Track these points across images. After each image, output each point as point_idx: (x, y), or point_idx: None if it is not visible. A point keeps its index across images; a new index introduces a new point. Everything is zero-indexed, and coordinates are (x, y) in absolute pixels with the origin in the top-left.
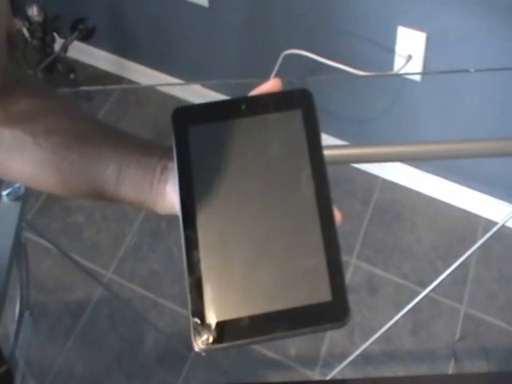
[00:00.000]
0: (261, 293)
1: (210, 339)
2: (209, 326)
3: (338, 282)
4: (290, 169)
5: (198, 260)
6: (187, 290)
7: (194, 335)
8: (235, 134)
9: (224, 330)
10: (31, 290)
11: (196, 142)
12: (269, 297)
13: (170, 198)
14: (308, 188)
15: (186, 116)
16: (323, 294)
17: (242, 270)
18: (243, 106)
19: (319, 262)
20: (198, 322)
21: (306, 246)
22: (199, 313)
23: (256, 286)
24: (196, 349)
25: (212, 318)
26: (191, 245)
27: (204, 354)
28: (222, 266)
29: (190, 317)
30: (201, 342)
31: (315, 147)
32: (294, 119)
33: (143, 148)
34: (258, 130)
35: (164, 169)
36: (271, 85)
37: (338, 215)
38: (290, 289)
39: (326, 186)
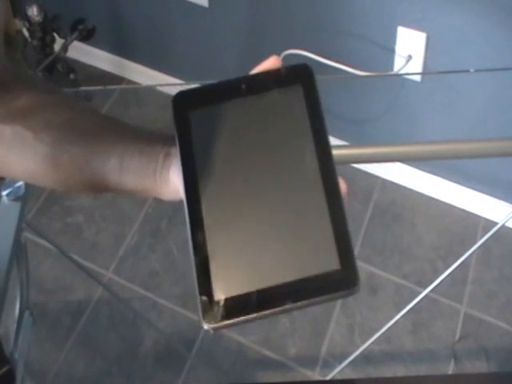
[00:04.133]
0: (268, 266)
1: (219, 316)
2: (217, 303)
3: (345, 251)
4: (294, 144)
5: (204, 240)
6: (194, 269)
7: (203, 313)
8: (236, 114)
9: (232, 306)
10: (31, 290)
11: (197, 125)
12: (276, 269)
13: (173, 183)
14: (312, 162)
15: (187, 100)
16: (331, 263)
17: (248, 245)
18: (243, 86)
19: (326, 231)
20: (206, 299)
21: (313, 216)
22: (207, 291)
23: (263, 260)
24: (205, 327)
25: (220, 295)
26: (196, 225)
27: (213, 331)
28: (228, 244)
29: (198, 295)
30: (209, 320)
31: (318, 121)
32: (295, 94)
33: (145, 137)
34: (259, 108)
35: (167, 155)
36: (270, 62)
37: (343, 185)
38: (298, 260)
39: (329, 158)
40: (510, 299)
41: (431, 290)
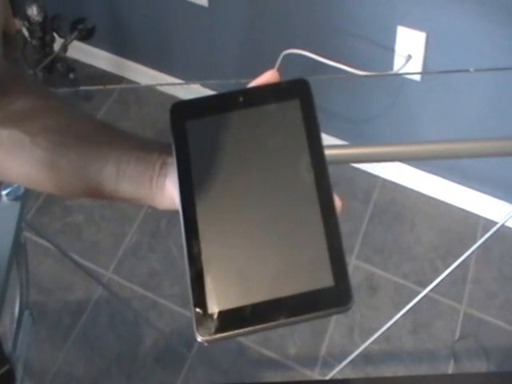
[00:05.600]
0: (262, 281)
1: (213, 329)
2: (211, 316)
3: (339, 267)
4: (290, 158)
5: (199, 251)
6: (188, 280)
7: (197, 326)
8: (234, 127)
9: (226, 319)
10: (31, 289)
11: (195, 136)
12: (270, 284)
13: (169, 192)
14: (308, 176)
15: (184, 111)
16: (325, 280)
17: (243, 259)
18: (241, 98)
19: (320, 247)
20: (200, 312)
21: (307, 232)
22: (201, 303)
23: (257, 275)
24: (199, 339)
25: (214, 308)
26: (192, 237)
27: (206, 344)
28: (223, 256)
29: (192, 307)
30: (203, 333)
31: (314, 136)
32: (293, 109)
33: (142, 144)
34: (256, 122)
35: (163, 164)
36: (268, 76)
37: (338, 202)
38: (292, 275)
39: (325, 173)
40: (510, 299)
41: (431, 290)
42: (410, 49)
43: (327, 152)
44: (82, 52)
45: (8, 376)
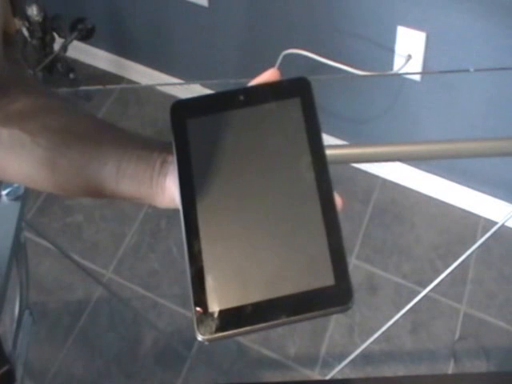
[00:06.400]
0: (263, 280)
1: (213, 328)
2: (211, 315)
3: (340, 266)
4: (290, 156)
5: (200, 250)
6: (189, 279)
7: (197, 325)
8: (234, 125)
9: (227, 318)
10: (31, 289)
11: (195, 135)
12: (271, 283)
13: (169, 191)
14: (308, 175)
15: (185, 109)
16: (326, 279)
17: (243, 257)
18: (241, 97)
19: (321, 246)
20: (201, 311)
21: (308, 231)
22: (202, 302)
23: (258, 273)
24: (199, 338)
25: (215, 307)
26: (192, 235)
27: (207, 342)
28: (224, 255)
29: (193, 306)
30: (204, 331)
31: (315, 134)
32: (293, 107)
33: (143, 143)
34: (257, 120)
35: (164, 162)
36: (269, 75)
37: (338, 201)
38: (293, 274)
39: (326, 172)
40: (510, 299)
41: (431, 290)
42: (409, 49)
43: (327, 152)
44: (82, 52)
45: (8, 376)
